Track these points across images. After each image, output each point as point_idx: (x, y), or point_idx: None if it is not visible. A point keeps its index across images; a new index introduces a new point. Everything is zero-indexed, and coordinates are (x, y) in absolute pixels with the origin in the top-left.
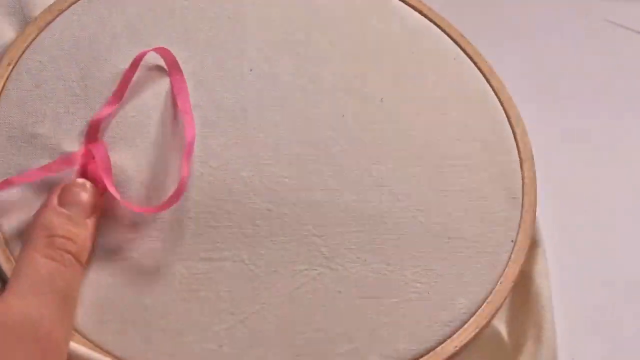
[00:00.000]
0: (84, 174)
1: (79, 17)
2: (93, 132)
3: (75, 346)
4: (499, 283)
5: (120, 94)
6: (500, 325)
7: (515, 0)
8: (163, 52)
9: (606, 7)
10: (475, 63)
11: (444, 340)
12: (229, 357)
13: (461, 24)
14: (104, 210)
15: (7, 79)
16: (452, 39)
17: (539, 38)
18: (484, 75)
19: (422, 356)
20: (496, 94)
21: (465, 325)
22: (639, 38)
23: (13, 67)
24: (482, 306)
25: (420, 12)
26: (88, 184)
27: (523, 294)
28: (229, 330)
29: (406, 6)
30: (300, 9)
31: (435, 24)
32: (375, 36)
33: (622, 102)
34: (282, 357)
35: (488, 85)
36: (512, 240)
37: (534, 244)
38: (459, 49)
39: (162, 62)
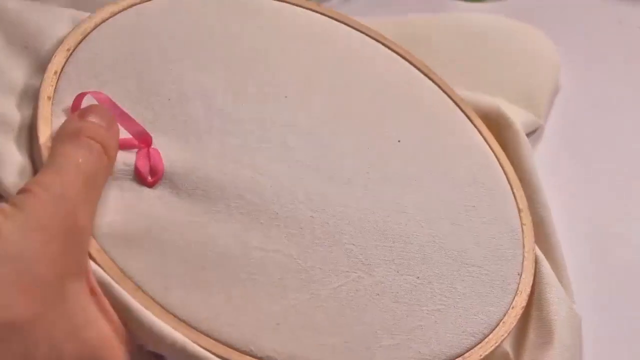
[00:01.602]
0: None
1: (131, 23)
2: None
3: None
4: (511, 307)
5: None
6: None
7: (529, 2)
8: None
9: (620, 9)
10: (474, 125)
11: (471, 349)
12: (284, 334)
13: None
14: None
15: (65, 63)
16: (453, 101)
17: (552, 39)
18: (482, 136)
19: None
20: (494, 153)
21: (486, 339)
22: None
23: (71, 54)
24: (499, 325)
25: (426, 75)
26: (105, 109)
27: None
28: (283, 312)
29: (413, 67)
30: (324, 54)
31: (438, 86)
32: (390, 87)
33: (635, 103)
34: (333, 341)
35: (487, 145)
36: (519, 274)
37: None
38: (459, 111)
39: None
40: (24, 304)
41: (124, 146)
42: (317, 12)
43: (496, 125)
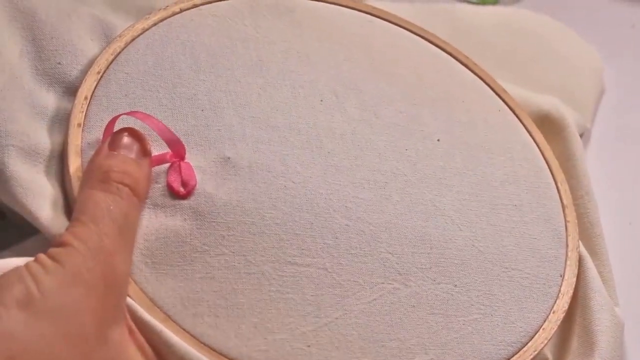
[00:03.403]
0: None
1: (160, 37)
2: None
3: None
4: (552, 312)
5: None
6: (547, 353)
7: (542, 5)
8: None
9: (633, 13)
10: (517, 115)
11: (508, 359)
12: (316, 357)
13: None
14: (198, 210)
15: (96, 86)
16: (495, 92)
17: None
18: (526, 128)
19: None
20: (537, 146)
21: (525, 347)
22: None
23: (101, 76)
24: (539, 332)
25: (467, 66)
26: (136, 130)
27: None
28: (315, 332)
29: (453, 59)
30: (360, 52)
31: (480, 78)
32: (428, 83)
33: None
34: None
35: (529, 137)
36: (561, 275)
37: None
38: (502, 102)
39: None
40: (67, 357)
41: (158, 162)
42: (353, 8)
43: (553, 125)
